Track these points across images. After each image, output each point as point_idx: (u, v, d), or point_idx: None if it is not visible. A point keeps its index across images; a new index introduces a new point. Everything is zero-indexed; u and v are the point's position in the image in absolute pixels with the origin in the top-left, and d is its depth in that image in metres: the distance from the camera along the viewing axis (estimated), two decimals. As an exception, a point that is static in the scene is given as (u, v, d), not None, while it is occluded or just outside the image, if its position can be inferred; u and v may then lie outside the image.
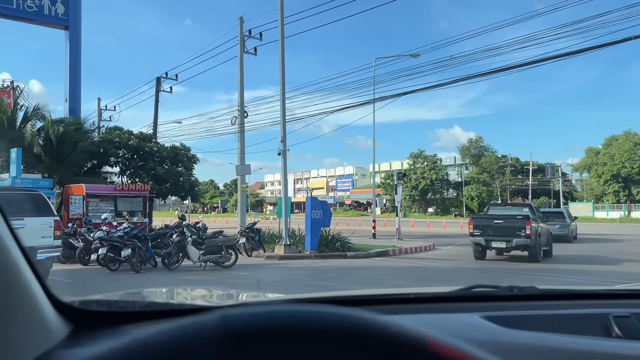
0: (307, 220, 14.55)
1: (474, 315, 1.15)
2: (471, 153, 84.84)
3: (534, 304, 1.27)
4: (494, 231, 13.56)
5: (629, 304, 1.27)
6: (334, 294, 1.33)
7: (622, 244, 21.68)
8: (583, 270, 12.48)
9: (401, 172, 22.72)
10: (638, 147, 71.17)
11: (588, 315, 1.18)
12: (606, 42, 13.04)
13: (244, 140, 21.80)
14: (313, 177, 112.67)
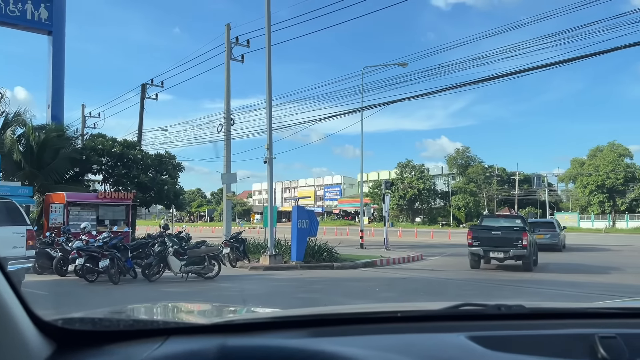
0: (293, 230, 14.23)
1: (459, 335, 1.12)
2: (458, 163, 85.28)
3: (521, 323, 1.24)
4: (493, 242, 14.04)
5: (615, 324, 1.24)
6: (320, 311, 1.28)
7: (610, 254, 21.65)
8: (572, 281, 12.31)
9: (389, 181, 22.51)
10: (622, 158, 72.03)
11: (574, 336, 1.15)
12: (592, 52, 12.94)
13: (230, 148, 21.46)
14: (301, 186, 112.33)
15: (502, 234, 14.09)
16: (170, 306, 1.88)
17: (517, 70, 14.10)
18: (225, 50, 22.11)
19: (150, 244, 13.70)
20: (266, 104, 14.52)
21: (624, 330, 1.18)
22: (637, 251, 23.97)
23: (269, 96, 14.50)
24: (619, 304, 1.49)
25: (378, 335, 1.14)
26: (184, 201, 29.07)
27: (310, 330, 1.17)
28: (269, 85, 14.62)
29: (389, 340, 1.11)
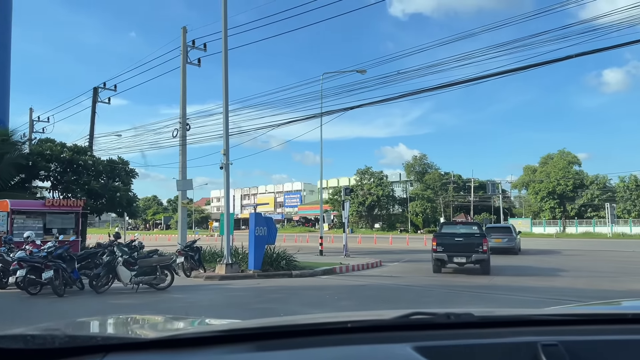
0: (251, 238, 13.87)
1: (405, 346, 1.11)
2: (416, 170, 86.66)
3: (468, 332, 1.23)
4: (456, 248, 14.76)
5: (557, 331, 1.25)
6: (268, 324, 1.26)
7: (563, 258, 22.26)
8: (528, 286, 12.47)
9: (348, 187, 22.46)
10: (571, 166, 74.86)
11: (518, 345, 1.16)
12: (544, 61, 13.26)
13: (185, 153, 20.89)
14: (260, 193, 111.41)
15: (464, 240, 14.82)
16: (112, 320, 1.80)
17: (472, 78, 14.32)
18: (181, 54, 21.58)
19: (99, 253, 13.05)
20: (223, 109, 14.15)
21: (566, 338, 1.19)
22: (587, 255, 24.77)
23: (225, 101, 14.14)
24: (561, 310, 1.50)
25: (326, 348, 1.11)
26: (137, 208, 28.11)
27: (256, 344, 1.13)
28: (226, 89, 14.28)
29: (335, 353, 1.08)
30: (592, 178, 73.15)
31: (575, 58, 11.71)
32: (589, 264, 19.26)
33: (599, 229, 66.49)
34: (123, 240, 16.62)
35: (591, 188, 71.36)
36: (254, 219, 13.92)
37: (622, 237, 58.70)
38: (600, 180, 72.68)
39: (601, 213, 67.97)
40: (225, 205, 14.45)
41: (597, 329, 1.29)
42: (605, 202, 65.91)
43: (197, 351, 1.10)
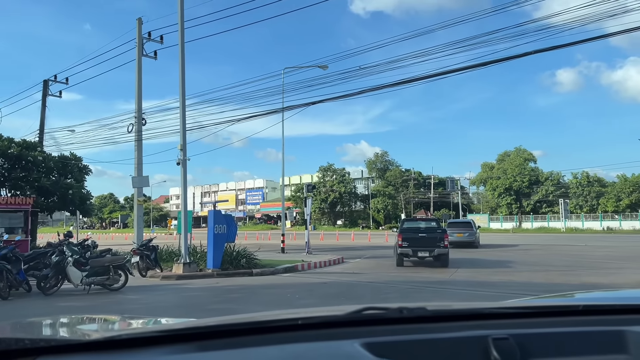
0: (210, 236, 13.44)
1: (354, 342, 1.09)
2: (377, 167, 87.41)
3: (421, 326, 1.22)
4: (420, 243, 15.73)
5: (508, 324, 1.25)
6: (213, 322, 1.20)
7: (521, 253, 22.73)
8: (487, 281, 12.58)
9: (311, 184, 22.25)
10: (527, 163, 77.08)
11: (470, 339, 1.15)
12: (502, 57, 13.35)
13: (141, 149, 20.17)
14: (222, 191, 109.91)
15: (427, 236, 15.83)
16: (47, 321, 1.70)
17: (432, 74, 14.28)
18: (137, 46, 20.84)
19: (49, 253, 12.38)
20: (179, 103, 13.66)
21: (516, 331, 1.19)
22: (543, 249, 25.43)
23: (182, 94, 13.65)
24: (513, 304, 1.49)
25: (270, 346, 1.07)
26: (91, 206, 27.03)
27: (198, 344, 1.08)
28: (182, 82, 13.79)
29: (279, 351, 1.05)
30: (546, 175, 75.51)
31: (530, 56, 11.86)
32: (545, 258, 19.71)
33: (553, 224, 68.73)
34: (75, 240, 15.91)
35: (546, 184, 73.65)
36: (213, 217, 13.49)
37: (575, 231, 60.85)
38: (555, 176, 75.13)
39: (555, 209, 70.26)
40: (182, 202, 13.96)
41: (548, 322, 1.29)
42: (559, 198, 68.15)
43: (133, 353, 1.05)
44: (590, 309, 1.39)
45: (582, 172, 72.53)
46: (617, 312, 1.39)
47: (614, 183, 69.20)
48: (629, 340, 1.21)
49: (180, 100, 13.65)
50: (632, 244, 30.22)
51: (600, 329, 1.26)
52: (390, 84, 13.16)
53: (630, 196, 64.34)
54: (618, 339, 1.22)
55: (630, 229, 60.93)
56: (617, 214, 64.70)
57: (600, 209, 67.35)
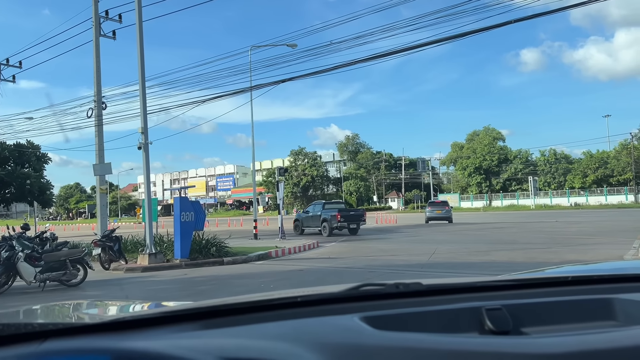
0: (176, 224, 12.61)
1: (353, 316, 1.12)
2: (348, 150, 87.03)
3: (416, 300, 1.24)
4: (351, 218, 23.48)
5: (500, 296, 1.28)
6: (215, 303, 1.21)
7: (495, 231, 22.61)
8: (467, 263, 12.24)
9: (282, 167, 21.54)
10: (496, 142, 77.79)
11: (465, 310, 1.19)
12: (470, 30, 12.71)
13: (102, 135, 19.04)
14: (191, 177, 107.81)
15: (354, 213, 23.97)
16: (51, 306, 1.75)
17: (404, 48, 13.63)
18: (93, 25, 19.54)
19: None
20: (139, 82, 12.69)
21: (508, 302, 1.22)
22: (517, 227, 25.41)
23: (141, 72, 12.67)
24: (505, 277, 1.53)
25: (273, 323, 1.10)
26: (51, 197, 25.70)
27: (202, 323, 1.11)
28: (141, 60, 12.80)
29: (282, 328, 1.08)
30: (515, 153, 76.41)
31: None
32: (521, 236, 19.56)
33: (522, 202, 69.85)
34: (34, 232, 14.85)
35: (514, 162, 74.58)
36: (179, 204, 12.62)
37: (544, 208, 61.94)
38: (523, 154, 76.11)
39: (524, 186, 71.34)
40: (146, 189, 13.07)
41: (539, 292, 1.32)
42: (527, 176, 69.16)
43: (140, 332, 1.06)
44: (579, 279, 1.43)
45: (549, 150, 73.73)
46: (604, 281, 1.43)
47: (580, 160, 70.53)
48: (616, 307, 1.25)
49: (140, 80, 12.67)
50: (601, 219, 30.62)
51: (588, 297, 1.29)
52: (362, 59, 12.47)
53: (596, 172, 65.69)
54: (605, 306, 1.25)
55: (596, 204, 62.33)
56: (584, 190, 66.09)
57: (567, 185, 68.66)
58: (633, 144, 64.78)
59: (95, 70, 19.40)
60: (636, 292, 1.31)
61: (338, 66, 12.43)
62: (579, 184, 66.90)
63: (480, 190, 76.09)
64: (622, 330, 1.13)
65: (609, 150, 69.58)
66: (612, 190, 64.00)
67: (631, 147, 63.96)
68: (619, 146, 67.86)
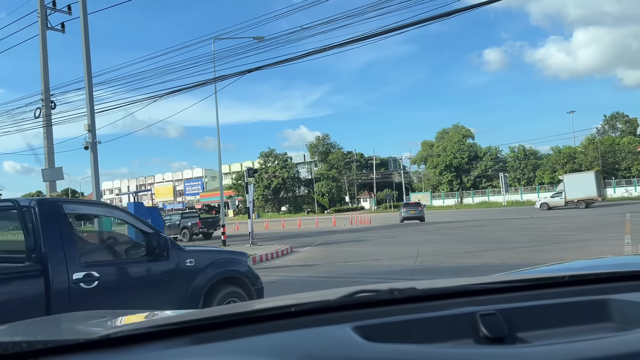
0: (130, 233, 11.13)
1: (345, 327, 1.08)
2: (319, 150, 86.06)
3: (412, 306, 1.22)
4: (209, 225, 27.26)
5: (494, 300, 1.27)
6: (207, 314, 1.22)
7: (475, 230, 21.79)
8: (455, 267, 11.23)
9: (252, 168, 20.21)
10: (465, 139, 78.01)
11: (459, 316, 1.17)
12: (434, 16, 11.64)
13: (51, 137, 17.37)
14: (158, 182, 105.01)
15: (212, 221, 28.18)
16: (42, 322, 1.75)
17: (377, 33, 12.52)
18: (39, 18, 17.89)
19: None
20: (84, 75, 11.18)
21: (502, 306, 1.21)
22: (496, 225, 24.70)
23: (86, 64, 11.19)
24: (499, 278, 1.52)
25: (263, 335, 1.06)
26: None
27: (192, 337, 1.07)
28: (86, 50, 11.33)
29: (273, 340, 1.05)
30: (485, 150, 76.73)
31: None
32: (503, 234, 18.75)
33: (493, 198, 70.05)
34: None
35: (484, 159, 74.84)
36: (134, 210, 11.17)
37: (516, 204, 62.15)
38: (492, 151, 76.46)
39: (494, 183, 71.61)
40: (95, 194, 11.57)
41: (534, 294, 1.30)
42: (498, 172, 69.47)
43: (130, 349, 1.03)
44: (576, 279, 1.41)
45: (518, 146, 74.22)
46: (601, 281, 1.39)
47: (549, 155, 71.21)
48: (613, 308, 1.23)
49: (85, 71, 11.17)
50: (576, 214, 30.33)
51: (585, 298, 1.27)
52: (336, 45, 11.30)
53: (564, 167, 66.31)
54: (602, 308, 1.23)
55: (566, 199, 62.95)
56: (553, 186, 66.65)
57: (537, 180, 69.15)
58: (599, 139, 65.74)
59: (42, 66, 17.70)
60: (635, 291, 1.30)
61: (311, 52, 11.23)
62: (548, 179, 67.45)
63: (451, 188, 76.08)
64: (620, 335, 1.09)
65: (576, 146, 70.53)
66: (581, 185, 64.71)
67: (597, 142, 64.85)
68: (586, 141, 68.80)
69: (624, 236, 14.77)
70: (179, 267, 4.99)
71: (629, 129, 74.80)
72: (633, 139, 68.82)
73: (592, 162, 64.02)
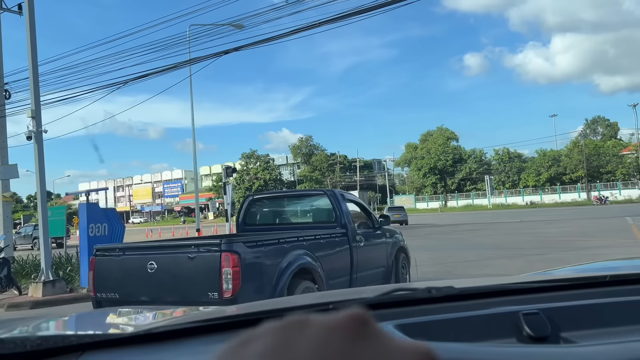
0: (83, 240, 9.34)
1: (387, 324, 1.09)
2: (302, 152, 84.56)
3: (451, 305, 1.22)
4: None
5: (537, 299, 1.25)
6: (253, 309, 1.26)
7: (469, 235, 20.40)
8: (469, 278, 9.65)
9: (230, 167, 18.45)
10: (450, 141, 77.17)
11: (500, 315, 1.16)
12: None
13: (5, 130, 15.46)
14: (136, 184, 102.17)
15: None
16: (87, 317, 1.79)
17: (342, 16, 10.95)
18: (-7, -4, 15.97)
19: None
20: (28, 52, 9.39)
21: (545, 305, 1.20)
22: (490, 229, 23.36)
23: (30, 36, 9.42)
24: (540, 277, 1.53)
25: None
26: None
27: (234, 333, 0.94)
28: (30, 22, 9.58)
29: None
30: (469, 152, 75.92)
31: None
32: (502, 240, 17.37)
33: (478, 201, 69.21)
34: None
35: (469, 162, 74.02)
36: (86, 213, 9.35)
37: (501, 207, 61.34)
38: (477, 154, 75.68)
39: (479, 185, 70.83)
40: (39, 192, 9.77)
41: (576, 294, 1.29)
42: (482, 175, 68.71)
43: (175, 343, 1.06)
44: (617, 279, 1.39)
45: (503, 149, 73.55)
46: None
47: (534, 158, 70.69)
48: None
49: (29, 47, 9.39)
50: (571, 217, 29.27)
51: (628, 299, 1.25)
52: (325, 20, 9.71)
53: (549, 170, 65.79)
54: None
55: (551, 202, 62.34)
56: (537, 189, 66.05)
57: (522, 183, 68.48)
58: (584, 143, 65.38)
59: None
60: None
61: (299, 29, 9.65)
62: (532, 182, 66.84)
63: (435, 191, 75.08)
64: None
65: (561, 149, 70.18)
66: (565, 189, 64.26)
67: (582, 145, 64.46)
68: (571, 144, 68.44)
69: (636, 242, 13.52)
70: (385, 236, 7.49)
71: (610, 132, 74.97)
72: (617, 142, 68.70)
73: (577, 166, 63.60)
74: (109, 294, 5.25)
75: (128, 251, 5.36)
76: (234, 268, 4.58)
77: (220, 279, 4.59)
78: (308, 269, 5.40)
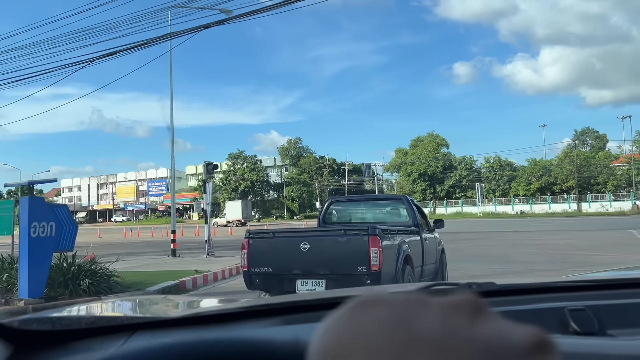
0: (23, 242, 7.65)
1: None
2: (291, 154, 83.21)
3: (492, 300, 1.22)
4: None
5: (583, 296, 1.25)
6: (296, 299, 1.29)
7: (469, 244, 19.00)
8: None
9: (211, 163, 16.89)
10: (440, 148, 76.24)
11: (545, 310, 1.17)
12: None
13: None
14: (120, 181, 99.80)
15: None
16: (137, 300, 1.93)
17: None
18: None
19: None
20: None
21: (592, 302, 1.19)
22: (489, 239, 22.05)
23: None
24: (585, 277, 1.52)
25: None
26: None
27: (282, 318, 1.13)
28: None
29: None
30: (459, 159, 74.99)
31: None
32: (505, 251, 16.05)
33: (467, 209, 68.24)
34: None
35: (459, 169, 73.08)
36: (28, 209, 7.71)
37: (491, 216, 60.33)
38: (467, 161, 74.76)
39: (468, 193, 69.88)
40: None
41: (621, 293, 1.27)
42: (472, 183, 67.77)
43: (222, 327, 1.08)
44: None
45: (494, 157, 72.71)
46: None
47: (524, 167, 69.92)
48: None
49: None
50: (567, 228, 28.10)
51: None
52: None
53: (540, 179, 64.99)
54: None
55: (541, 212, 61.43)
56: (528, 198, 65.20)
57: (512, 192, 67.59)
58: (575, 153, 64.72)
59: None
60: None
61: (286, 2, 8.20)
62: (523, 191, 65.98)
63: (424, 197, 73.93)
64: None
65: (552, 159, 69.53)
66: (556, 199, 63.47)
67: (574, 155, 63.76)
68: (562, 154, 67.80)
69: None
70: (436, 238, 8.62)
71: (599, 144, 74.70)
72: (609, 154, 68.21)
73: (568, 176, 62.87)
74: (262, 268, 6.24)
75: (279, 234, 6.65)
76: (379, 248, 5.76)
77: (369, 257, 5.75)
78: (409, 256, 6.63)
